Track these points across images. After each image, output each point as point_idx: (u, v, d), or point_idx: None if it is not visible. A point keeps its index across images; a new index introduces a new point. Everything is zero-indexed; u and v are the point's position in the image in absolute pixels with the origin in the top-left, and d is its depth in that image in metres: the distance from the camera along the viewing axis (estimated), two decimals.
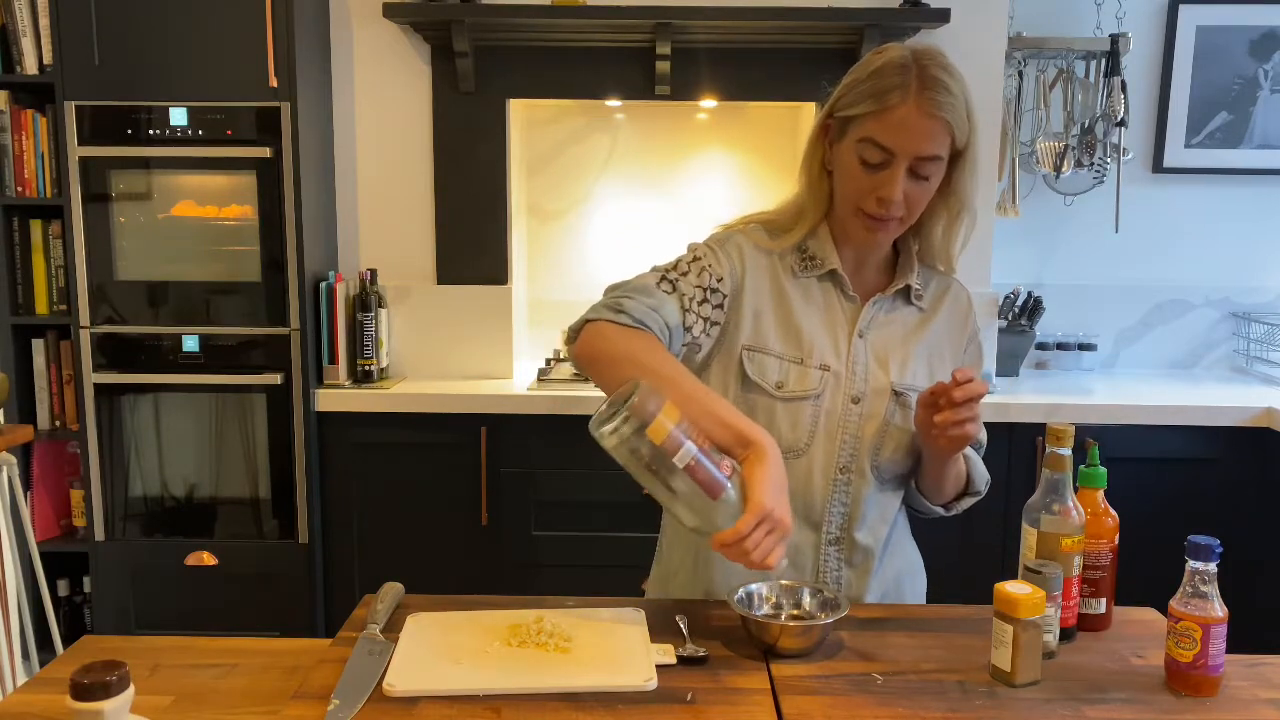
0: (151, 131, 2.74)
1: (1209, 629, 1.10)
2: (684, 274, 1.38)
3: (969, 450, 1.46)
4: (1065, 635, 1.23)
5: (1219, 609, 1.11)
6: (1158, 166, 3.29)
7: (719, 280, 1.38)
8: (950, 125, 1.29)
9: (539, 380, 2.94)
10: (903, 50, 1.32)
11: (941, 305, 1.47)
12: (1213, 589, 1.11)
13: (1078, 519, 1.23)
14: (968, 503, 1.49)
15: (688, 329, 1.35)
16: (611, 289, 1.37)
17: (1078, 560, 1.24)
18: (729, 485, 1.12)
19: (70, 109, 2.72)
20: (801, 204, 1.43)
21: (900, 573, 1.49)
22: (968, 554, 2.75)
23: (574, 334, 1.33)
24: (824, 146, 1.39)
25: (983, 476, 1.49)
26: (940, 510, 1.49)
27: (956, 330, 1.48)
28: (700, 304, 1.36)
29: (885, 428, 1.39)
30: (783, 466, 1.16)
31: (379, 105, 3.04)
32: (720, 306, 1.38)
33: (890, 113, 1.28)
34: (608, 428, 1.09)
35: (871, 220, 1.34)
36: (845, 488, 1.40)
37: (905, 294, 1.44)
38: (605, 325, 1.29)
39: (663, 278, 1.37)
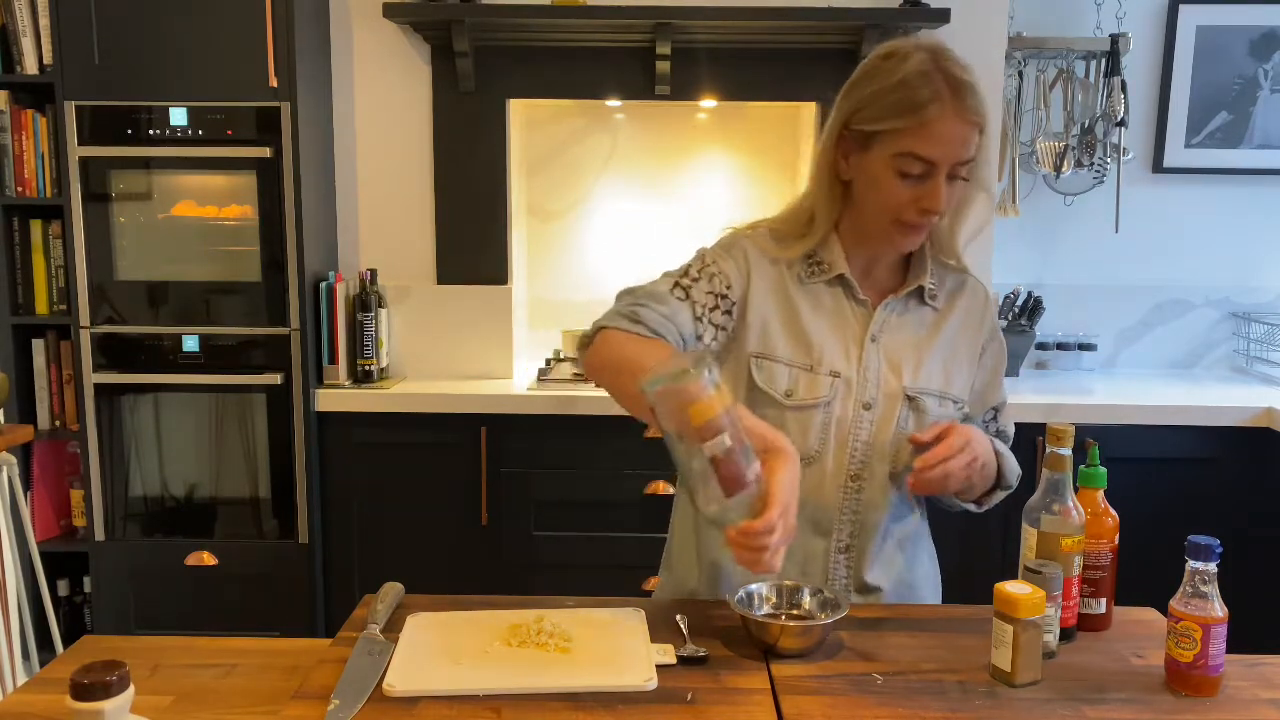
0: (151, 131, 2.74)
1: (1209, 629, 1.10)
2: (695, 280, 1.37)
3: (998, 444, 1.44)
4: (1065, 635, 1.23)
5: (1219, 609, 1.11)
6: (1158, 166, 3.29)
7: (728, 287, 1.37)
8: (982, 127, 1.29)
9: (539, 380, 2.94)
10: (919, 54, 1.29)
11: (957, 304, 1.45)
12: (1213, 589, 1.11)
13: (1078, 519, 1.23)
14: (999, 497, 1.46)
15: (699, 337, 1.35)
16: (624, 294, 1.36)
17: (1078, 560, 1.24)
18: (752, 484, 1.10)
19: (70, 109, 2.72)
20: (811, 213, 1.41)
21: (913, 585, 1.47)
22: (968, 554, 2.75)
23: (587, 340, 1.31)
24: (839, 158, 1.36)
25: (1014, 470, 1.45)
26: (972, 506, 1.46)
27: (973, 329, 1.46)
28: (711, 310, 1.36)
29: (899, 433, 1.38)
30: (799, 475, 1.15)
31: (379, 105, 3.04)
32: (729, 313, 1.38)
33: (929, 126, 1.27)
34: (658, 387, 1.06)
35: (910, 228, 1.33)
36: (856, 495, 1.38)
37: (919, 294, 1.42)
38: (620, 334, 1.27)
39: (676, 284, 1.36)
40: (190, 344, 2.81)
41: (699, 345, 1.35)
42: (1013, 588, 1.12)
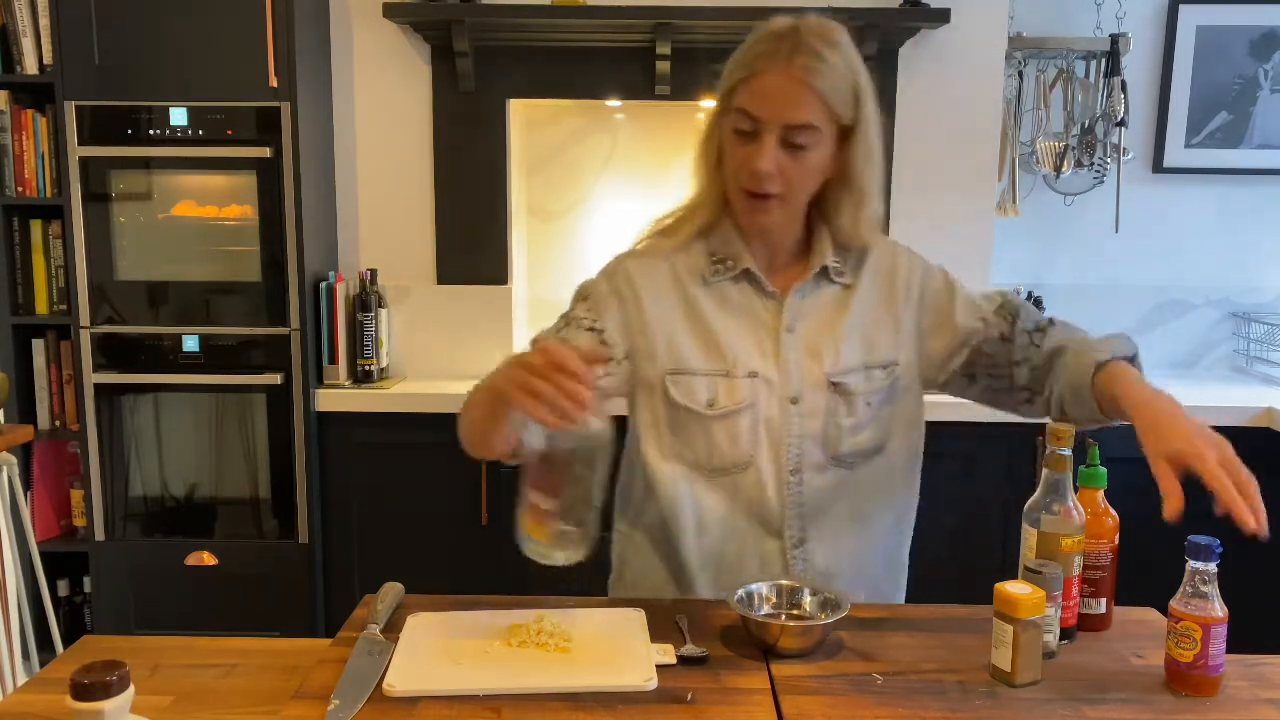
0: (151, 131, 2.74)
1: (1209, 629, 1.10)
2: (557, 331, 1.36)
3: (1080, 335, 1.35)
4: (1065, 635, 1.23)
5: (1219, 609, 1.11)
6: (1158, 166, 3.29)
7: (594, 321, 1.34)
8: (823, 95, 1.26)
9: None
10: (789, 19, 1.29)
11: (863, 273, 1.41)
12: (1213, 589, 1.11)
13: (1078, 519, 1.23)
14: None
15: None
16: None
17: (1078, 560, 1.24)
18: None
19: (70, 109, 2.72)
20: (697, 196, 1.38)
21: (876, 577, 1.44)
22: (968, 554, 2.75)
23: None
24: (718, 132, 1.34)
25: (1121, 339, 1.34)
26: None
27: (885, 285, 1.41)
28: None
29: (830, 420, 1.35)
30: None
31: (379, 105, 3.04)
32: (601, 344, 1.33)
33: (756, 79, 1.26)
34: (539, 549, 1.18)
35: (750, 198, 1.30)
36: (798, 489, 1.35)
37: (825, 275, 1.39)
38: (460, 416, 1.34)
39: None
40: (190, 344, 2.81)
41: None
42: (1013, 588, 1.12)
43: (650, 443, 1.38)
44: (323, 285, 2.90)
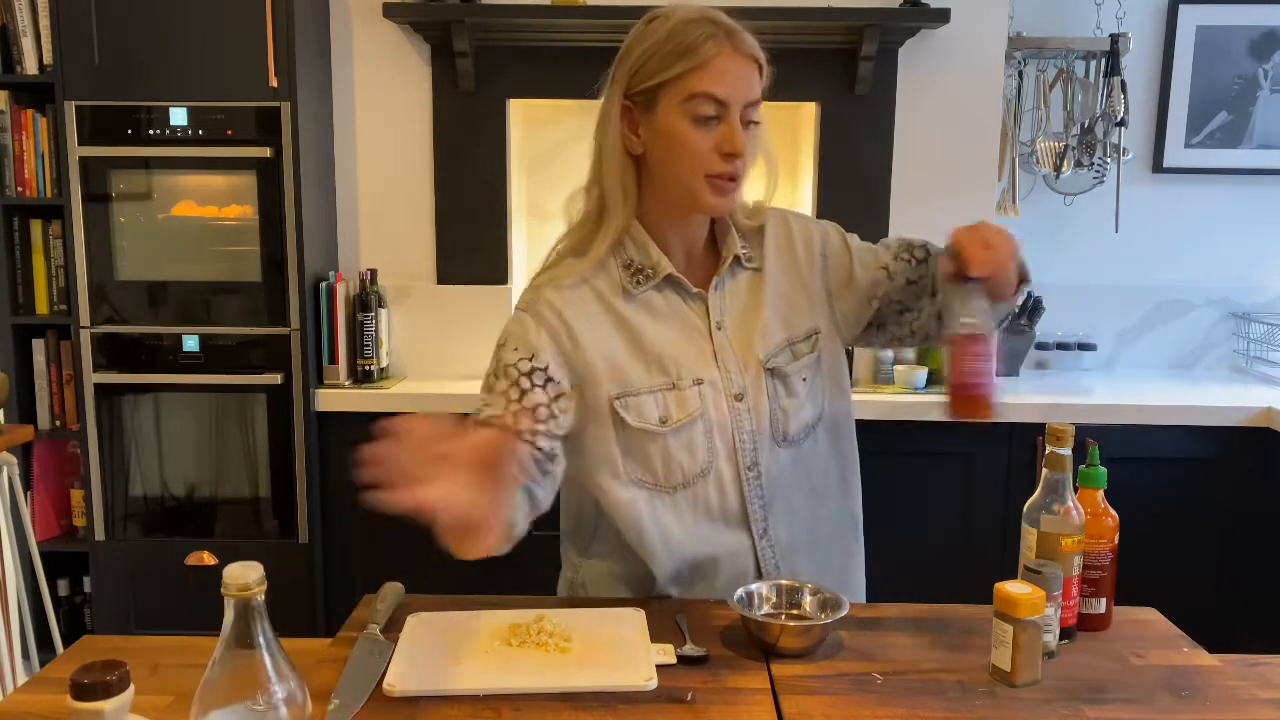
0: (151, 131, 2.74)
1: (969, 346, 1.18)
2: (491, 389, 1.30)
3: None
4: (1065, 635, 1.23)
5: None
6: (1158, 166, 3.29)
7: (529, 359, 1.28)
8: (761, 66, 1.29)
9: None
10: (681, 10, 1.29)
11: (766, 249, 1.41)
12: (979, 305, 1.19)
13: (1078, 519, 1.23)
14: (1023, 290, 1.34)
15: (519, 432, 1.24)
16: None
17: (1078, 560, 1.24)
18: None
19: (70, 109, 2.72)
20: (603, 204, 1.34)
21: (834, 537, 1.44)
22: (968, 554, 2.75)
23: None
24: (626, 132, 1.31)
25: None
26: (1005, 307, 1.33)
27: (789, 263, 1.41)
28: (519, 399, 1.26)
29: (773, 406, 1.35)
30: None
31: (379, 105, 3.04)
32: (548, 382, 1.28)
33: (711, 62, 1.25)
34: None
35: (720, 182, 1.28)
36: (758, 482, 1.35)
37: (737, 263, 1.39)
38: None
39: (478, 414, 1.28)
40: (190, 344, 2.81)
41: (526, 435, 1.25)
42: (1013, 588, 1.12)
43: (605, 474, 1.33)
44: (323, 285, 2.90)
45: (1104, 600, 1.28)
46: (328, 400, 2.83)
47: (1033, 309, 3.16)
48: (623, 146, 1.32)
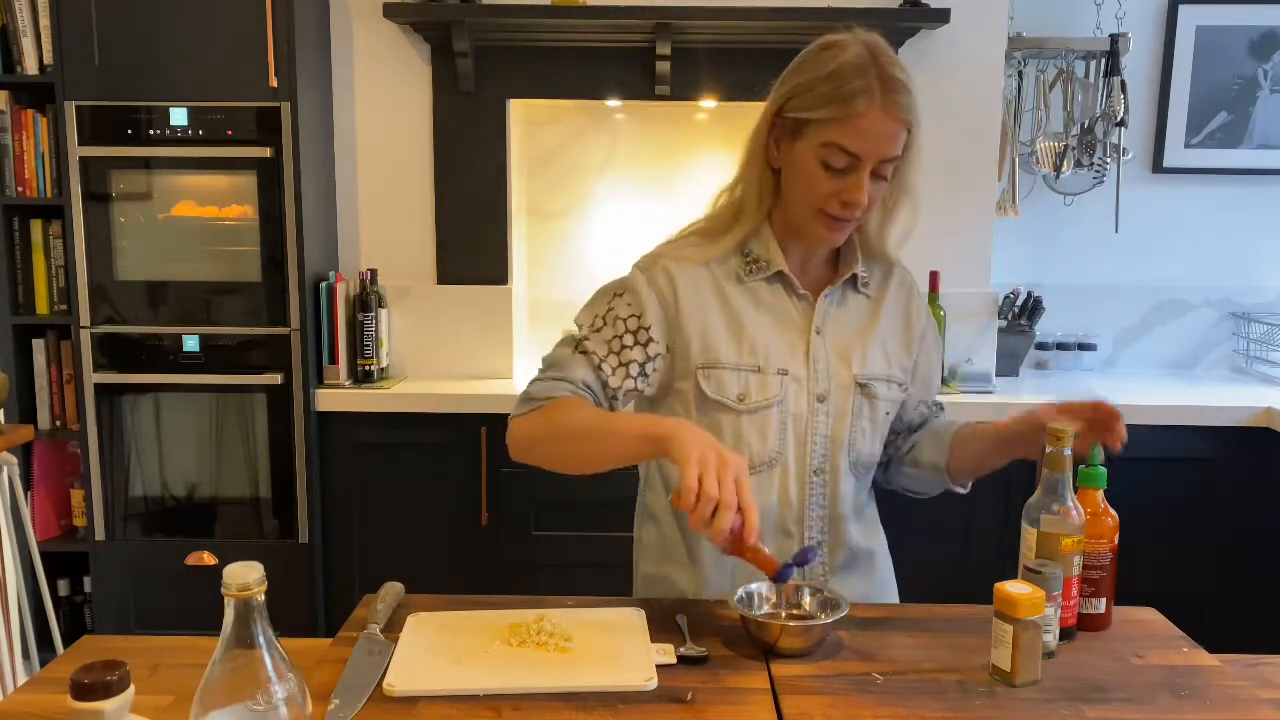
0: (152, 131, 2.74)
1: None
2: (597, 330, 1.38)
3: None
4: (1065, 635, 1.23)
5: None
6: (1158, 166, 3.29)
7: (638, 316, 1.37)
8: (910, 125, 1.29)
9: None
10: (856, 47, 1.30)
11: (887, 291, 1.47)
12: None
13: (1078, 519, 1.23)
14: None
15: (605, 384, 1.36)
16: (543, 365, 1.41)
17: (1078, 560, 1.24)
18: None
19: (70, 109, 2.72)
20: (741, 204, 1.41)
21: (881, 567, 1.50)
22: (968, 554, 2.75)
23: (523, 417, 1.35)
24: (770, 144, 1.37)
25: None
26: (960, 489, 1.48)
27: (901, 315, 1.48)
28: (619, 352, 1.36)
29: (855, 422, 1.39)
30: (704, 440, 1.15)
31: (379, 105, 3.04)
32: (649, 342, 1.37)
33: (857, 119, 1.27)
34: None
35: (833, 221, 1.34)
36: (822, 489, 1.40)
37: (852, 283, 1.44)
38: (516, 423, 1.34)
39: (576, 344, 1.38)
40: (190, 344, 2.81)
41: (612, 389, 1.36)
42: (1013, 588, 1.12)
43: None
44: (323, 285, 2.90)
45: (1104, 600, 1.28)
46: (328, 400, 2.83)
47: (1033, 309, 3.16)
48: (765, 157, 1.38)
